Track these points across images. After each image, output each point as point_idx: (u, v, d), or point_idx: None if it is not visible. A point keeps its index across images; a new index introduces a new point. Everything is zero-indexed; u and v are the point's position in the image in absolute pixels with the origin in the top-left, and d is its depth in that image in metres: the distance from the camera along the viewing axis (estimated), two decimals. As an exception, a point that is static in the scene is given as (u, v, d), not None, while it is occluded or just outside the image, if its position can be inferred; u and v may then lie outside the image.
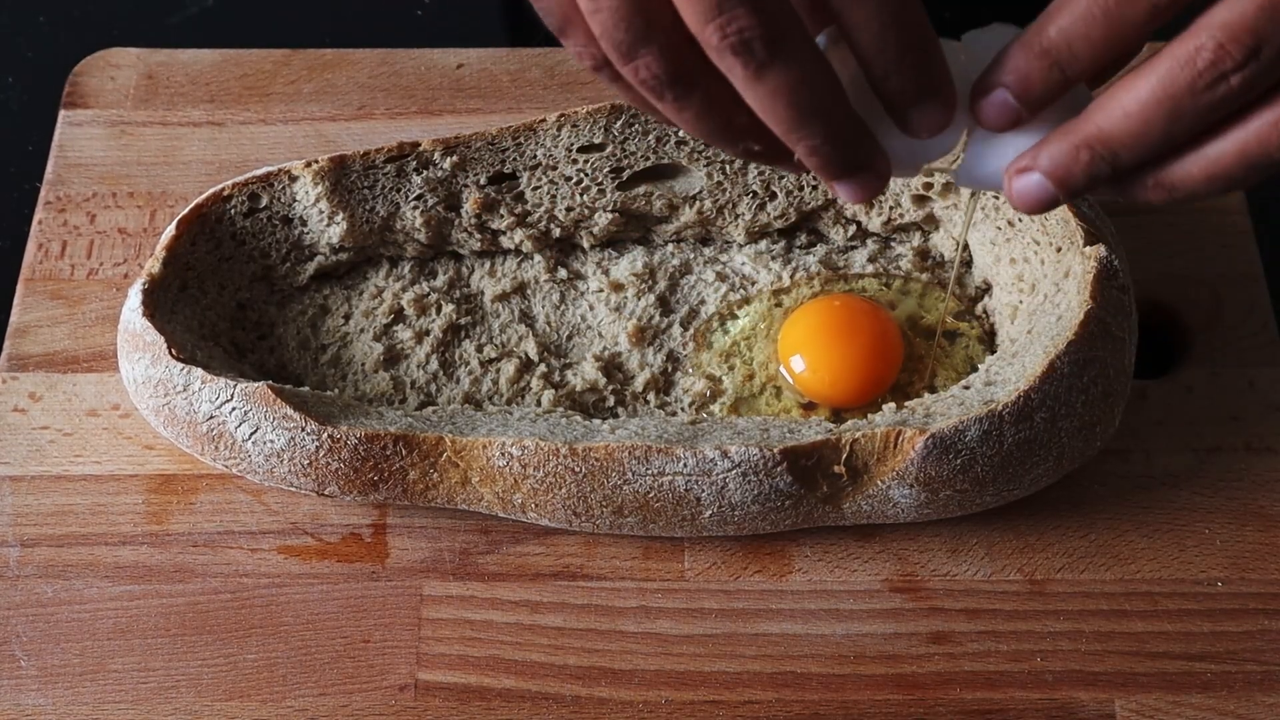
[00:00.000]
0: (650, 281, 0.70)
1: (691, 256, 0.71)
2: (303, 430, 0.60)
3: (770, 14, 0.39)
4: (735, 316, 0.69)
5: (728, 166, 0.69)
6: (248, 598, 0.63)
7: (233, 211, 0.67)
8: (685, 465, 0.59)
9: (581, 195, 0.69)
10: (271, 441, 0.60)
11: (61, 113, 0.77)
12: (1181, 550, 0.64)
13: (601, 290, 0.70)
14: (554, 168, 0.69)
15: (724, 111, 0.43)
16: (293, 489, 0.62)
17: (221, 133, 0.77)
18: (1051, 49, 0.41)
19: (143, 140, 0.76)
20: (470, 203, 0.68)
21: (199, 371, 0.61)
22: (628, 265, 0.70)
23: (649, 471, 0.59)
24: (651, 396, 0.66)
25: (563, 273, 0.70)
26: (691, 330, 0.68)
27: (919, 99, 0.43)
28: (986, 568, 0.64)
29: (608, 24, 0.41)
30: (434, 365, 0.67)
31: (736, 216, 0.69)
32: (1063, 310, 0.62)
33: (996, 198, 0.68)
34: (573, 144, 0.69)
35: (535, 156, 0.69)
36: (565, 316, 0.69)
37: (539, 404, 0.66)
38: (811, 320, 0.66)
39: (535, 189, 0.69)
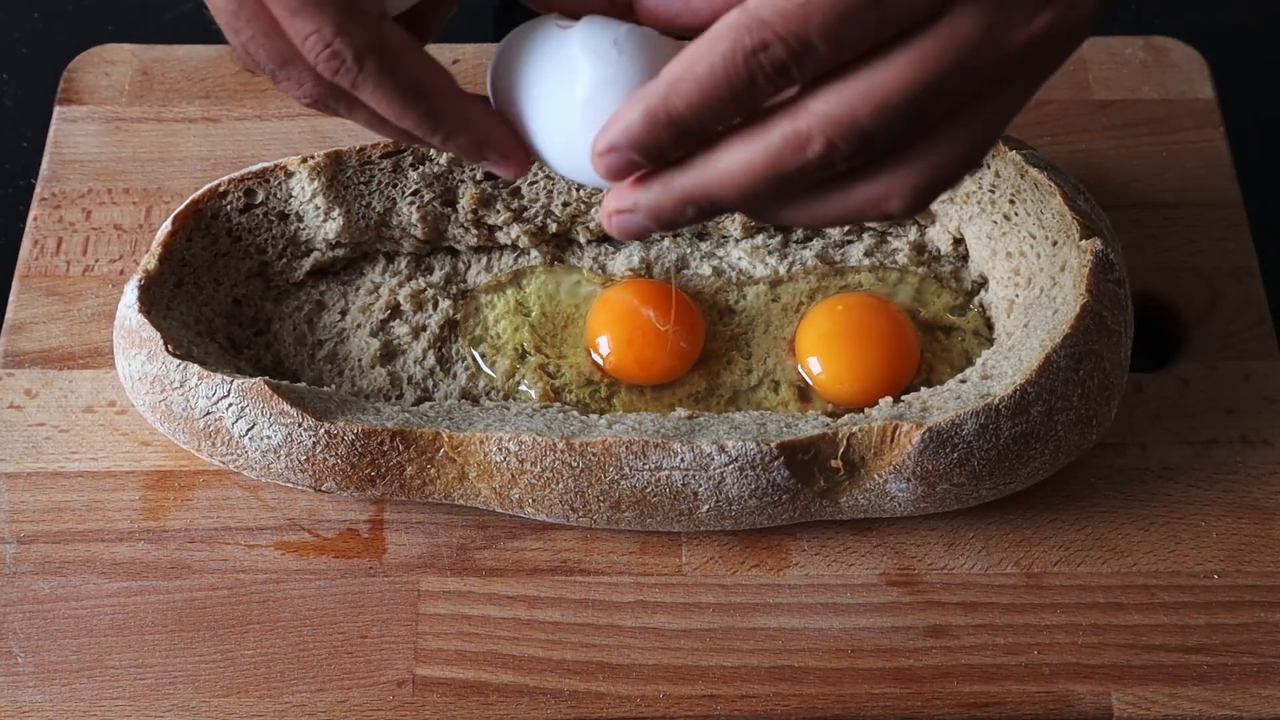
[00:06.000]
0: (647, 276, 0.70)
1: (688, 251, 0.70)
2: (299, 426, 0.60)
3: (339, 44, 0.42)
4: (732, 311, 0.68)
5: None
6: (245, 593, 0.63)
7: (229, 207, 0.67)
8: (682, 460, 0.59)
9: (577, 190, 0.69)
10: (268, 437, 0.60)
11: (56, 109, 0.77)
12: (1178, 543, 0.64)
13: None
14: (550, 163, 0.69)
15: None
16: (290, 485, 0.62)
17: (217, 129, 0.76)
18: (675, 120, 0.40)
19: (138, 136, 0.76)
20: (467, 198, 0.68)
21: (195, 367, 0.61)
22: (624, 260, 0.70)
23: (646, 466, 0.59)
24: (648, 391, 0.66)
25: (559, 268, 0.70)
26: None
27: (475, 159, 0.46)
28: (983, 561, 0.64)
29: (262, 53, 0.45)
30: (430, 361, 0.67)
31: (733, 211, 0.69)
32: (1059, 304, 0.62)
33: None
34: (569, 139, 0.68)
35: (531, 151, 0.69)
36: (562, 311, 0.69)
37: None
38: (833, 322, 0.66)
39: (531, 184, 0.69)
